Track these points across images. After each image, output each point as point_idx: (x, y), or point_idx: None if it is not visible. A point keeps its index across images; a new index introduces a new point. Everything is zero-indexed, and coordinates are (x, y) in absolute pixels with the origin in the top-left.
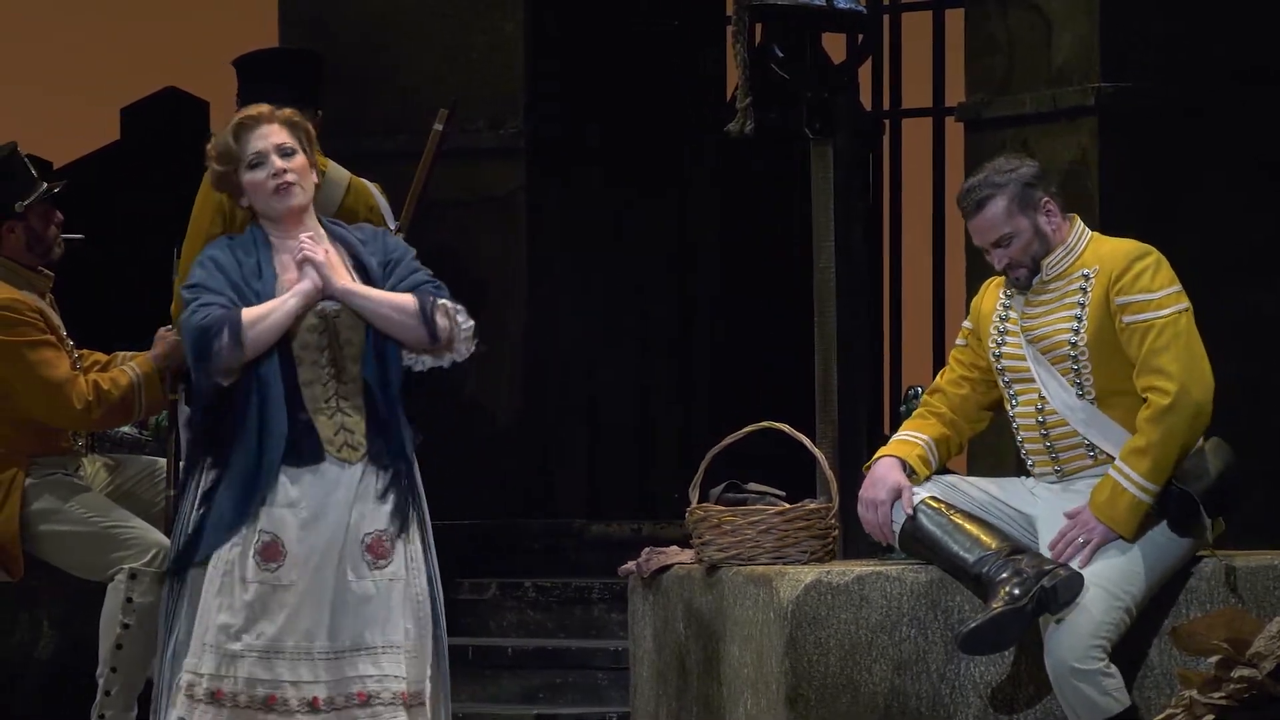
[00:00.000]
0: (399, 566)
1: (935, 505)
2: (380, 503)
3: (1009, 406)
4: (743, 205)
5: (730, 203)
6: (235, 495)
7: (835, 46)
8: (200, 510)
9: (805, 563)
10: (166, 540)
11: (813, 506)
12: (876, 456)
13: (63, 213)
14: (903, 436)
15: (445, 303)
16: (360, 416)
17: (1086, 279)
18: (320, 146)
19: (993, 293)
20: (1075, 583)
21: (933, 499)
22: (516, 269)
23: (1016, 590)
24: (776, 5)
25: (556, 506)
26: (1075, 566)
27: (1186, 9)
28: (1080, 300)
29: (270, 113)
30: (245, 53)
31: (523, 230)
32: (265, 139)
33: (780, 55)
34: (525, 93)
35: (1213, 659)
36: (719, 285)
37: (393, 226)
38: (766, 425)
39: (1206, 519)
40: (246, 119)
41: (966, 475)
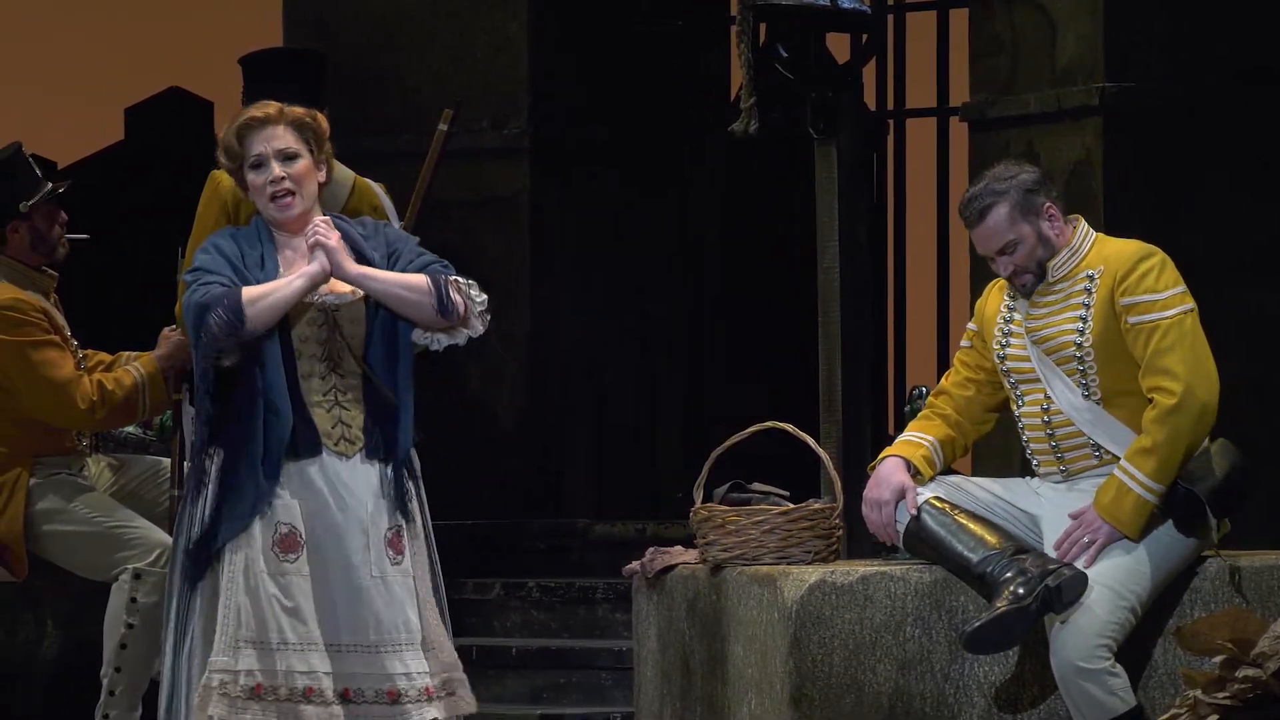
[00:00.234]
0: (409, 560)
1: (939, 505)
2: (385, 497)
3: (1014, 407)
4: (745, 205)
5: (733, 203)
6: (248, 485)
7: (839, 46)
8: (215, 501)
9: (809, 563)
10: (170, 540)
11: (817, 506)
12: (881, 457)
13: (67, 213)
14: (908, 437)
15: (457, 279)
16: (358, 410)
17: (1091, 280)
18: None
19: (996, 294)
20: (1079, 582)
21: (937, 499)
22: (520, 269)
23: (1021, 590)
24: (781, 5)
25: (560, 506)
26: (1080, 567)
27: (1190, 9)
28: (1085, 301)
29: (279, 113)
30: (250, 52)
31: (526, 230)
32: (268, 142)
33: (785, 55)
34: (529, 93)
35: (1217, 659)
36: (722, 285)
37: (397, 227)
38: (771, 425)
39: (1212, 519)
40: (252, 119)
41: (971, 475)
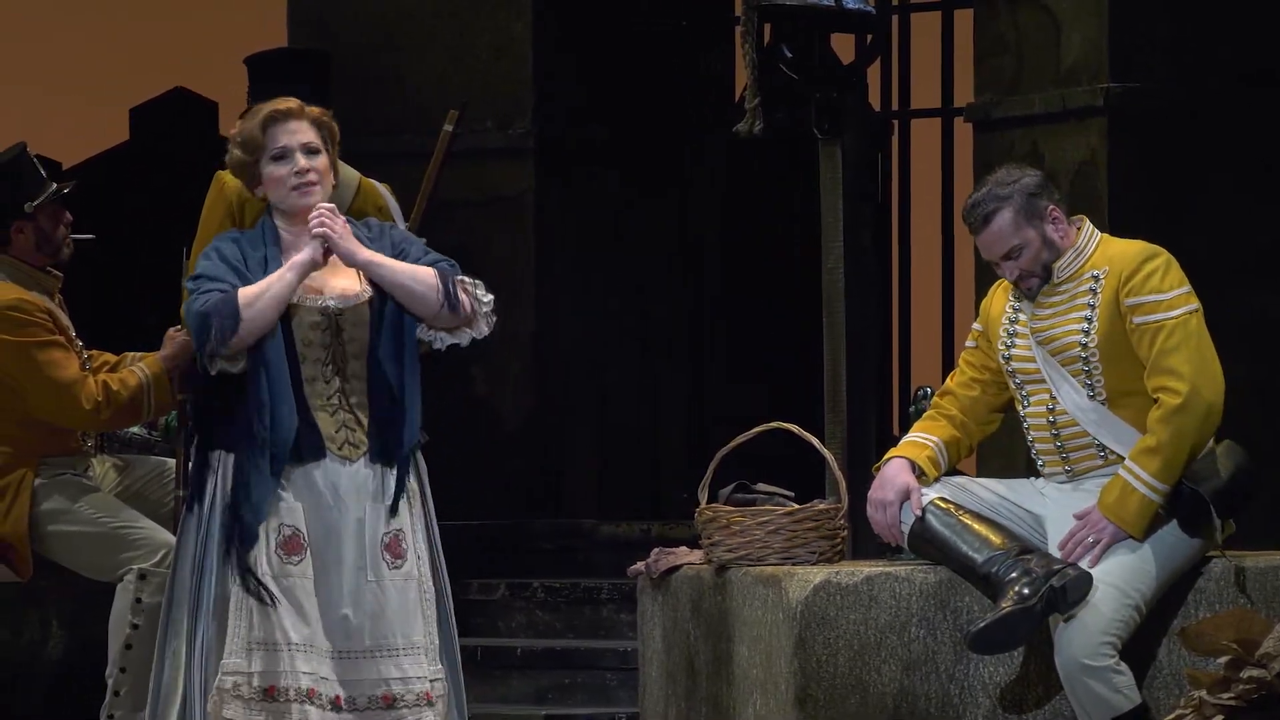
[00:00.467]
0: (412, 565)
1: (944, 506)
2: (386, 500)
3: (1020, 407)
4: (746, 205)
5: (734, 203)
6: (259, 489)
7: (844, 47)
8: (228, 505)
9: (814, 563)
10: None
11: (822, 507)
12: (886, 458)
13: (72, 213)
14: (913, 438)
15: (463, 278)
16: (363, 414)
17: (1096, 280)
18: None
19: (1001, 295)
20: (1084, 582)
21: (941, 500)
22: (524, 269)
23: (1025, 590)
24: (785, 5)
25: (565, 507)
26: (1085, 567)
27: (1195, 10)
28: (1090, 302)
29: (300, 109)
30: (256, 52)
31: (531, 230)
32: (293, 135)
33: (789, 55)
34: (533, 93)
35: (1222, 659)
36: (723, 285)
37: (402, 227)
38: (776, 426)
39: (1216, 520)
40: (277, 112)
41: (976, 476)
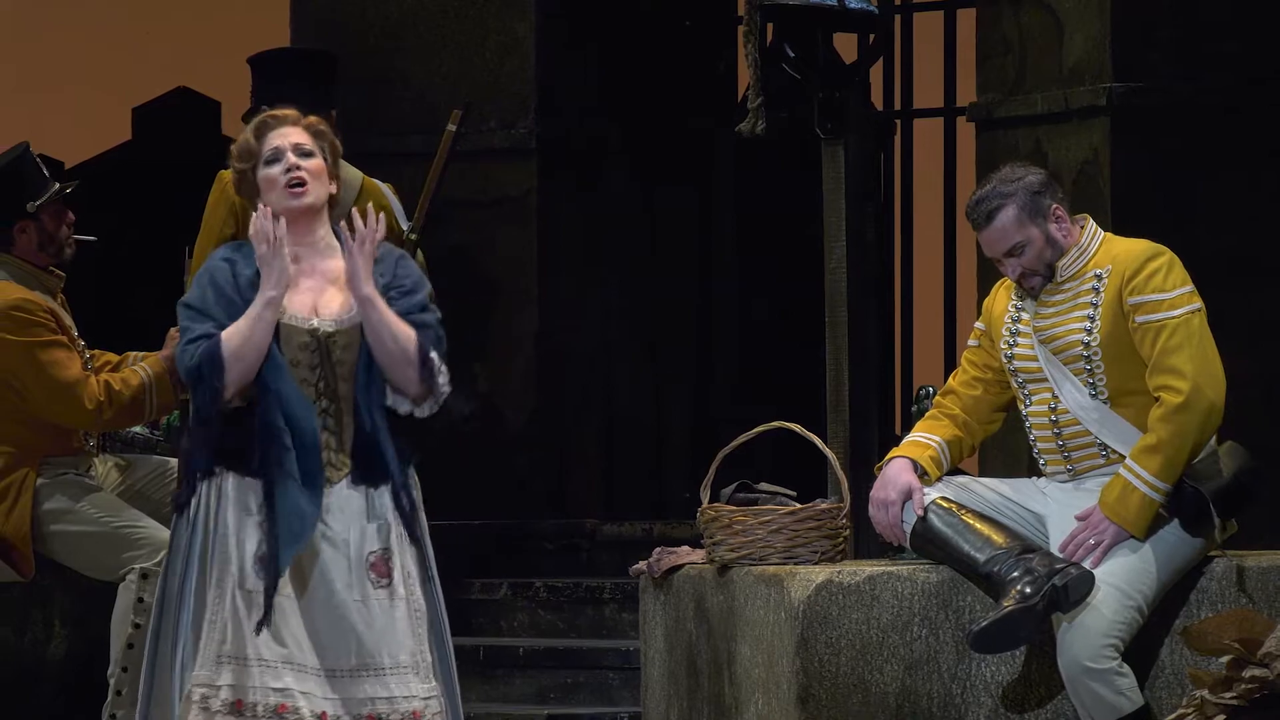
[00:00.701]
0: (398, 583)
1: (946, 505)
2: (372, 520)
3: (1022, 406)
4: (754, 204)
5: (741, 202)
6: (302, 503)
7: (847, 46)
8: (271, 526)
9: (816, 563)
10: None
11: (824, 506)
12: (888, 458)
13: (74, 213)
14: (915, 438)
15: (435, 357)
16: (347, 435)
17: (1099, 279)
18: None
19: (1004, 293)
20: (1086, 581)
21: (943, 499)
22: (529, 269)
23: (1028, 589)
24: (788, 5)
25: (568, 506)
26: (1087, 567)
27: (1198, 9)
28: (1093, 301)
29: (296, 116)
30: (259, 52)
31: (535, 230)
32: (285, 137)
33: (792, 55)
34: (537, 93)
35: (1224, 659)
36: (730, 284)
37: (405, 227)
38: (778, 425)
39: (1218, 519)
40: (270, 118)
41: (979, 474)
